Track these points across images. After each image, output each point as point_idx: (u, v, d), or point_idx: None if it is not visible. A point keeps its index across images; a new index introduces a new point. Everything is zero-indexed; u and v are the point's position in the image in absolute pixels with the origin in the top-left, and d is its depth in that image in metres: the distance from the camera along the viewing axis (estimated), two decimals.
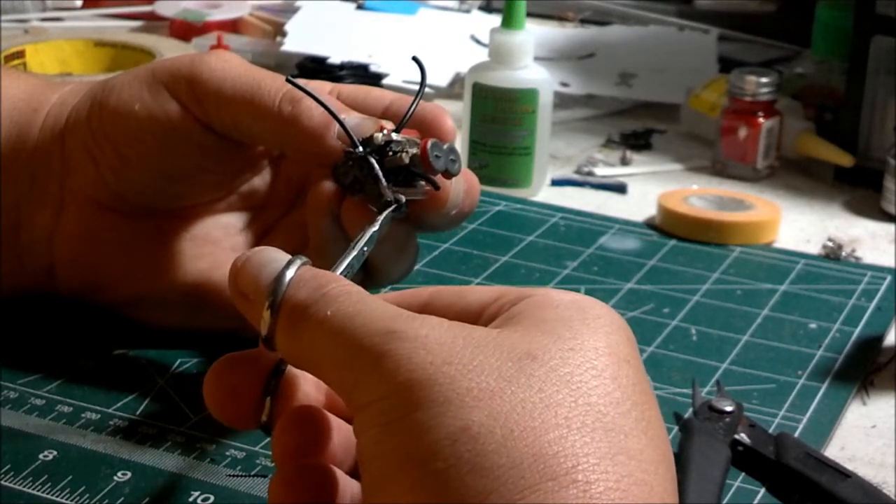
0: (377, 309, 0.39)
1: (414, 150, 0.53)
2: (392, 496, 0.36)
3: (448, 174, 0.54)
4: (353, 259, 0.47)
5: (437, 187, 0.54)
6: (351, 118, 0.55)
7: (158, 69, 0.59)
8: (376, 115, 0.57)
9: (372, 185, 0.53)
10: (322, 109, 0.55)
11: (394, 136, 0.54)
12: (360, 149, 0.54)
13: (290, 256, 0.43)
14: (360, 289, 0.41)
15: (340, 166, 0.55)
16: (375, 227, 0.50)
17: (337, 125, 0.55)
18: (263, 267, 0.42)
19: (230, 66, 0.57)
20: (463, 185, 0.57)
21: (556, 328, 0.39)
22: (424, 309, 0.43)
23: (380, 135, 0.54)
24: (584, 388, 0.37)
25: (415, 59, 0.57)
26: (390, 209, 0.52)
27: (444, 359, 0.37)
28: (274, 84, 0.56)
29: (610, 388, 0.38)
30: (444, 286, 0.44)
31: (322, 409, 0.43)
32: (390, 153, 0.54)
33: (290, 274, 0.41)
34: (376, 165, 0.53)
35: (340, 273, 0.46)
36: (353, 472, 0.43)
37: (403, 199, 0.53)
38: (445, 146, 0.54)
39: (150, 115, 0.58)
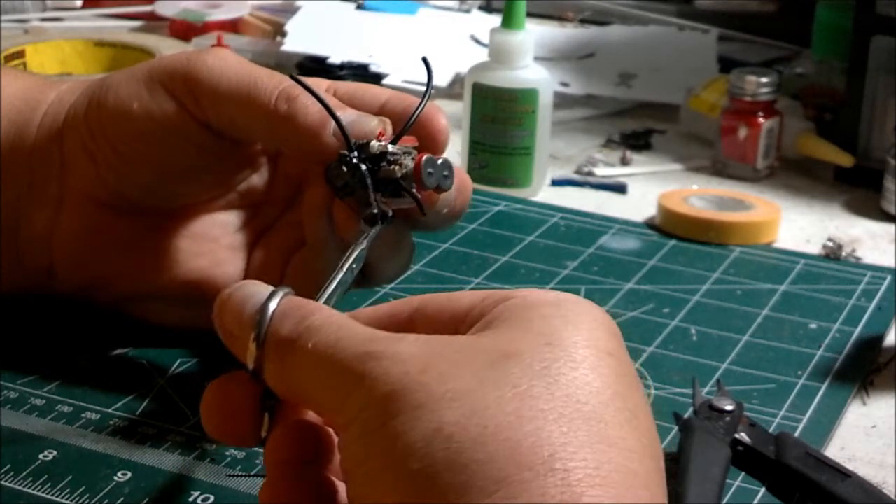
0: (356, 334, 0.40)
1: (408, 163, 0.53)
2: (376, 500, 0.37)
3: (440, 190, 0.54)
4: (340, 280, 0.48)
5: (423, 211, 0.54)
6: (347, 114, 0.55)
7: (155, 67, 0.59)
8: (372, 112, 0.57)
9: (362, 192, 0.53)
10: (318, 106, 0.55)
11: (390, 147, 0.54)
12: (356, 154, 0.54)
13: (271, 288, 0.43)
14: (343, 316, 0.41)
15: (333, 168, 0.55)
16: (363, 246, 0.51)
17: (332, 125, 0.55)
18: (245, 302, 0.42)
19: (227, 63, 0.57)
20: (454, 185, 0.56)
21: (534, 326, 0.39)
22: (414, 315, 0.44)
23: (376, 143, 0.54)
24: (562, 380, 0.38)
25: (424, 59, 0.56)
26: (376, 228, 0.52)
27: (419, 368, 0.38)
28: (270, 81, 0.56)
29: (589, 379, 0.38)
30: (433, 294, 0.45)
31: (316, 423, 0.44)
32: (384, 164, 0.53)
33: (272, 306, 0.42)
34: (368, 177, 0.53)
35: (329, 294, 0.47)
36: None
37: (390, 212, 0.53)
38: (440, 161, 0.54)
39: (148, 113, 0.58)
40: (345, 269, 0.48)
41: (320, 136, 0.55)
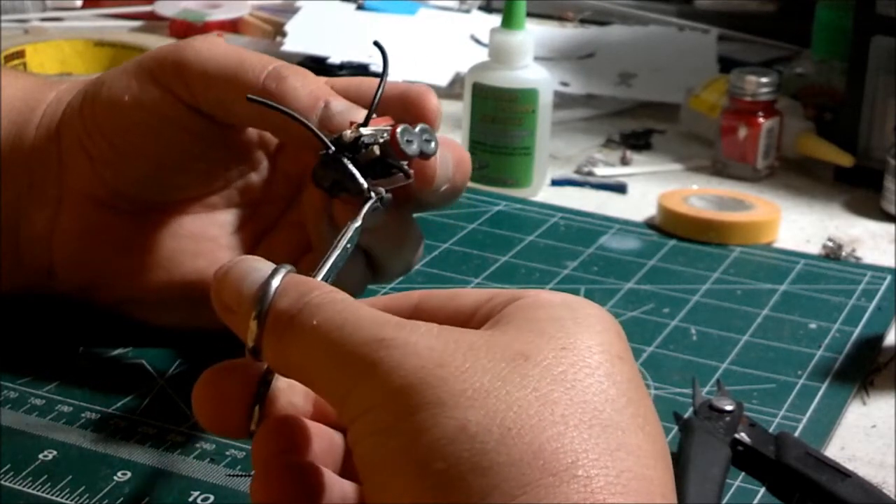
0: (365, 317, 0.39)
1: (385, 140, 0.52)
2: (394, 499, 0.36)
3: (424, 156, 0.53)
4: (335, 259, 0.46)
5: (408, 176, 0.53)
6: (337, 104, 0.55)
7: (145, 58, 0.59)
8: (367, 103, 0.56)
9: (351, 183, 0.53)
10: (308, 89, 0.55)
11: (362, 130, 0.53)
12: (333, 149, 0.53)
13: (273, 265, 0.42)
14: (346, 295, 0.41)
15: (318, 170, 0.54)
16: (358, 223, 0.50)
17: (321, 108, 0.55)
18: (245, 277, 0.42)
19: (215, 47, 0.57)
20: (451, 159, 0.56)
21: (548, 328, 0.39)
22: (414, 312, 0.43)
23: (348, 131, 0.53)
24: (579, 385, 0.38)
25: (376, 43, 0.56)
26: (369, 203, 0.52)
27: (436, 362, 0.37)
28: (259, 62, 0.56)
29: (605, 386, 0.38)
30: (434, 290, 0.44)
31: (302, 418, 0.43)
32: (363, 148, 0.53)
33: (275, 283, 0.41)
34: (349, 164, 0.52)
35: (324, 274, 0.45)
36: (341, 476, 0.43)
37: (384, 191, 0.52)
38: (417, 128, 0.53)
39: (140, 104, 0.58)
40: (339, 249, 0.47)
41: (308, 120, 0.54)
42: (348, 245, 0.48)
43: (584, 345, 0.39)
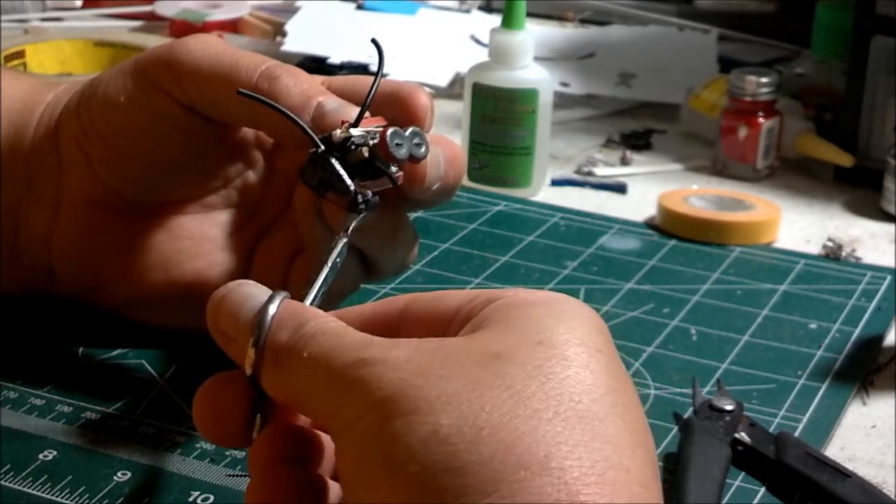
0: (350, 342, 0.40)
1: (375, 142, 0.52)
2: (373, 502, 0.37)
3: (414, 160, 0.53)
4: (325, 276, 0.47)
5: (394, 182, 0.53)
6: (330, 102, 0.55)
7: (140, 58, 0.59)
8: (361, 101, 0.56)
9: (338, 183, 0.52)
10: (300, 88, 0.55)
11: (353, 130, 0.53)
12: (322, 148, 0.52)
13: (269, 291, 0.42)
14: (337, 322, 0.41)
15: (306, 169, 0.54)
16: (345, 240, 0.50)
17: (313, 107, 0.55)
18: (242, 304, 0.43)
19: (208, 46, 0.57)
20: (442, 157, 0.56)
21: (523, 326, 0.40)
22: (402, 315, 0.44)
23: (338, 131, 0.53)
24: (555, 378, 0.38)
25: (374, 41, 0.55)
26: (363, 215, 0.52)
27: (413, 373, 0.38)
28: (252, 62, 0.56)
29: (581, 376, 0.38)
30: (421, 293, 0.45)
31: (301, 426, 0.44)
32: (352, 148, 0.52)
33: (272, 311, 0.41)
34: (337, 164, 0.52)
35: (315, 291, 0.46)
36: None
37: (370, 193, 0.52)
38: (408, 132, 0.53)
39: (135, 104, 0.58)
40: (329, 265, 0.48)
41: (300, 119, 0.54)
42: (338, 259, 0.49)
43: (560, 339, 0.39)
